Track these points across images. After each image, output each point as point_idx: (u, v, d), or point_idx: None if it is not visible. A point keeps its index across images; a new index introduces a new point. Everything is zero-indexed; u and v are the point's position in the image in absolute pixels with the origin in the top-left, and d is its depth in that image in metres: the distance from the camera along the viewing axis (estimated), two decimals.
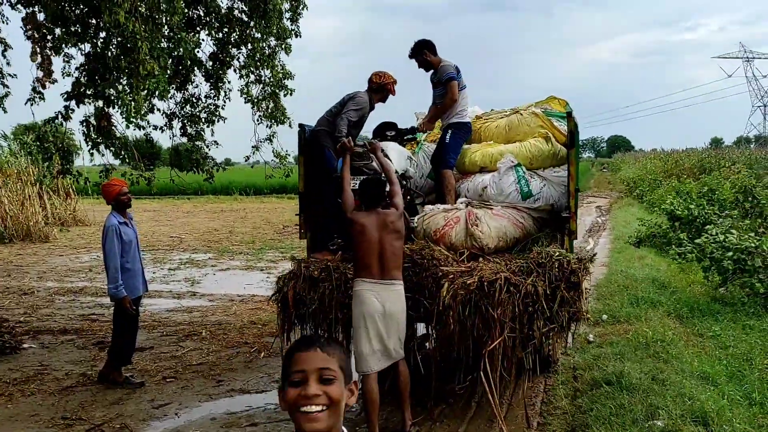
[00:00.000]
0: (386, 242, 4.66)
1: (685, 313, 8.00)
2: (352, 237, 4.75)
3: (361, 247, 4.67)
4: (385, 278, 4.62)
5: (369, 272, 4.64)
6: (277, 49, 8.64)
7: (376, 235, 4.65)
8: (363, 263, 4.66)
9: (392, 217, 4.74)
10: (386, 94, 6.20)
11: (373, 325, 4.59)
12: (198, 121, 8.89)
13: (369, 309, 4.60)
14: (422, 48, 6.21)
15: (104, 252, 5.98)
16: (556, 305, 4.65)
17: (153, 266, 13.19)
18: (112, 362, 6.15)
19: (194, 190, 34.53)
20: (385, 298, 4.60)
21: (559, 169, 6.01)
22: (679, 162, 32.79)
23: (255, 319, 8.60)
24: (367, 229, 4.67)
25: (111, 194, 6.10)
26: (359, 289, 4.66)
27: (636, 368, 5.67)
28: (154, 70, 5.48)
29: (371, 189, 4.86)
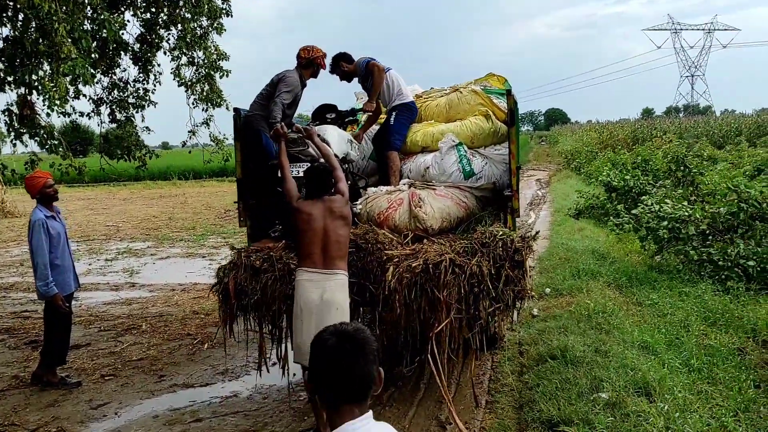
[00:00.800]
0: (331, 230, 4.50)
1: (624, 283, 8.21)
2: (296, 226, 4.56)
3: (306, 236, 4.49)
4: (327, 268, 4.45)
5: (311, 261, 4.46)
6: (209, 29, 8.32)
7: (322, 223, 4.49)
8: (305, 252, 4.49)
9: (338, 204, 4.59)
10: (317, 69, 6.03)
11: (308, 316, 4.39)
12: (127, 106, 8.51)
13: (306, 299, 4.41)
14: (338, 61, 6.35)
15: (31, 248, 5.67)
16: (501, 284, 4.65)
17: (89, 257, 12.71)
18: (45, 363, 5.87)
19: (130, 176, 33.47)
20: (324, 288, 4.41)
21: (500, 147, 6.00)
22: (613, 133, 33.72)
23: (198, 309, 8.38)
24: (313, 217, 4.49)
25: (36, 187, 5.78)
26: (299, 279, 4.48)
27: (579, 341, 5.77)
28: (71, 53, 5.14)
29: (319, 178, 4.67)
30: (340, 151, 5.64)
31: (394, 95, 6.33)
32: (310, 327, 4.35)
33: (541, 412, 4.54)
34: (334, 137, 5.61)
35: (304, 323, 4.39)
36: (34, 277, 5.73)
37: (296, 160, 5.26)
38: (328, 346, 1.82)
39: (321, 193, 4.63)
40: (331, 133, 5.65)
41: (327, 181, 4.67)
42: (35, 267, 5.65)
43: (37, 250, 5.60)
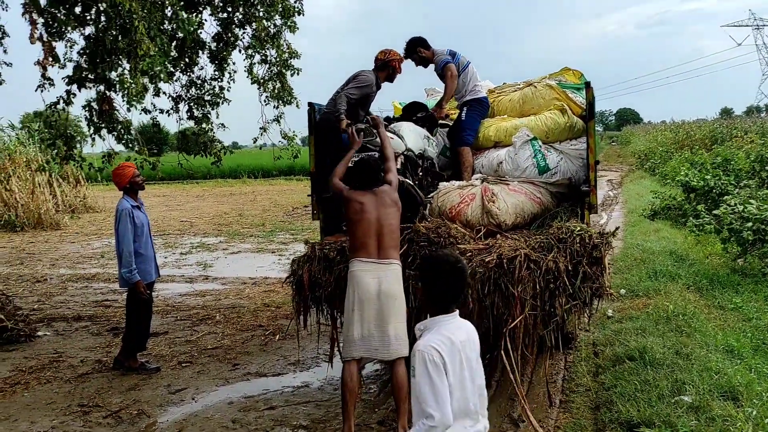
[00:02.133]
0: (384, 220, 4.47)
1: (704, 286, 7.88)
2: (349, 216, 4.56)
3: (360, 226, 4.47)
4: (382, 257, 4.41)
5: (366, 252, 4.42)
6: (282, 28, 8.47)
7: (375, 213, 4.47)
8: (360, 243, 4.45)
9: (388, 192, 4.58)
10: (392, 72, 6.03)
11: (368, 308, 4.34)
12: (204, 103, 8.76)
13: (364, 290, 4.36)
14: (415, 46, 6.28)
15: (117, 236, 5.90)
16: (578, 281, 4.53)
17: (164, 251, 13.16)
18: (127, 349, 6.10)
19: (203, 175, 34.52)
20: (382, 278, 4.37)
21: (576, 142, 5.85)
22: (690, 133, 32.38)
23: (269, 302, 8.54)
24: (366, 207, 4.49)
25: (126, 177, 6.04)
26: (355, 270, 4.42)
27: (659, 343, 5.56)
28: (149, 50, 5.33)
29: (367, 169, 4.68)
30: (417, 147, 5.66)
31: (468, 90, 6.29)
32: (370, 318, 4.32)
33: (620, 413, 4.39)
34: (409, 133, 5.63)
35: (364, 313, 4.34)
36: (118, 264, 5.96)
37: (365, 150, 5.31)
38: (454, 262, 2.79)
39: (370, 184, 4.63)
40: (406, 129, 5.67)
41: (375, 173, 4.67)
42: (120, 255, 5.87)
43: (123, 239, 5.82)
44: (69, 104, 7.01)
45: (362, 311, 4.37)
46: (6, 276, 11.06)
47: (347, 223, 4.66)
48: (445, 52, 6.29)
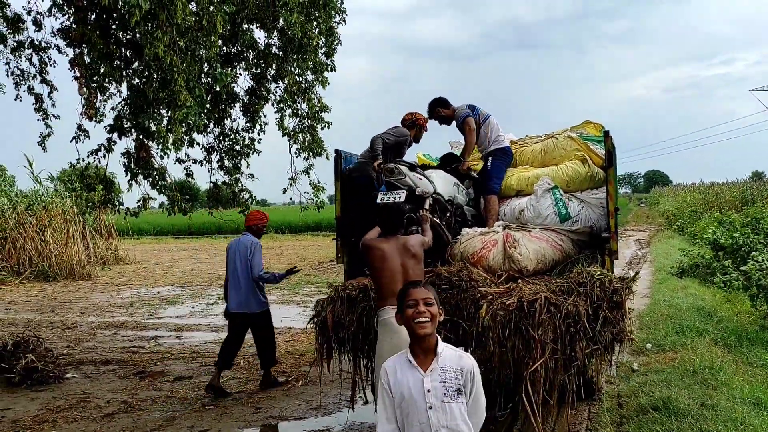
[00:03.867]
0: (410, 268, 4.55)
1: (732, 342, 7.75)
2: (371, 264, 4.64)
3: (383, 274, 4.53)
4: None
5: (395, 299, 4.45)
6: (314, 82, 8.82)
7: (399, 260, 4.55)
8: (388, 290, 4.47)
9: (412, 242, 4.68)
10: (419, 131, 6.45)
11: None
12: (235, 154, 9.08)
13: (401, 338, 4.18)
14: (435, 107, 6.65)
15: (251, 264, 6.85)
16: (598, 325, 4.55)
17: (192, 301, 13.37)
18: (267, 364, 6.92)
19: (231, 229, 35.07)
20: None
21: (597, 191, 5.95)
22: (720, 194, 32.09)
23: (292, 350, 8.60)
24: (387, 254, 4.56)
25: (261, 220, 7.30)
26: (388, 317, 4.41)
27: (684, 394, 5.49)
28: (186, 101, 5.64)
29: (389, 215, 4.84)
30: (446, 192, 5.89)
31: (491, 141, 6.48)
32: None
33: None
34: (439, 179, 5.86)
35: None
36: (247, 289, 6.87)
37: (394, 187, 5.50)
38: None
39: (392, 230, 4.75)
40: (437, 175, 5.93)
41: (398, 219, 4.80)
42: (260, 278, 6.89)
43: (259, 264, 6.92)
44: (109, 151, 7.37)
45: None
46: (37, 323, 11.31)
47: (371, 271, 4.71)
48: (464, 107, 6.58)
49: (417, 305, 2.83)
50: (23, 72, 8.45)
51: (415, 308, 2.83)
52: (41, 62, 8.35)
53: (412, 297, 2.88)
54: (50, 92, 8.35)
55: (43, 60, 8.34)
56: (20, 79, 8.45)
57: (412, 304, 2.86)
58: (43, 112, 8.28)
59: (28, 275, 17.59)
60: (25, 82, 8.43)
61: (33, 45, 8.29)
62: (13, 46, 8.45)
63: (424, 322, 2.81)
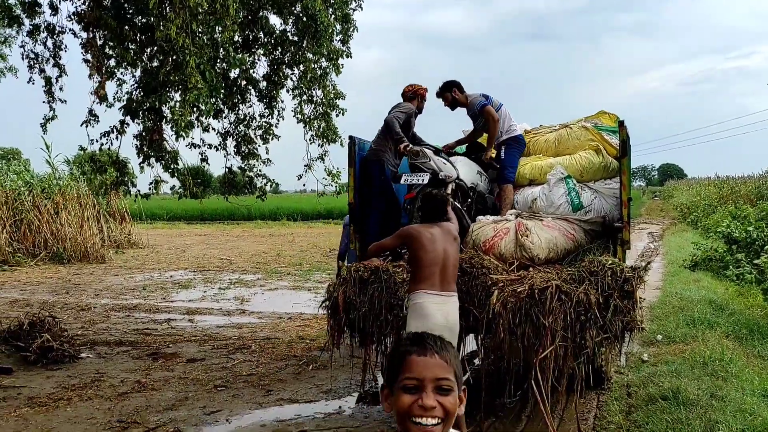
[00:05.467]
0: (450, 254, 4.63)
1: (744, 335, 7.72)
2: (417, 248, 4.63)
3: (426, 258, 4.57)
4: (445, 290, 4.54)
5: (430, 284, 4.53)
6: (328, 69, 8.83)
7: (442, 245, 4.61)
8: (425, 274, 4.54)
9: (453, 228, 4.79)
10: (421, 101, 6.49)
11: None
12: (251, 140, 9.12)
13: (432, 322, 4.43)
14: (451, 86, 6.59)
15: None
16: (609, 314, 4.56)
17: (204, 285, 13.48)
18: None
19: (244, 216, 35.31)
20: (447, 311, 4.52)
21: (611, 181, 5.95)
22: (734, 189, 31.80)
23: (303, 335, 8.67)
24: (435, 238, 4.61)
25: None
26: (422, 302, 4.51)
27: (693, 385, 5.49)
28: (198, 83, 5.68)
29: (434, 204, 4.85)
30: (468, 179, 6.00)
31: (504, 130, 6.49)
32: None
33: None
34: (463, 165, 5.95)
35: None
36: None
37: (418, 170, 5.56)
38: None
39: (435, 218, 4.79)
40: (461, 162, 6.05)
41: (442, 207, 4.84)
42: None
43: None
44: (122, 134, 7.43)
45: None
46: (52, 304, 11.45)
47: (413, 255, 4.70)
48: (479, 95, 6.57)
49: (422, 391, 1.57)
50: (37, 55, 8.53)
51: (418, 397, 1.57)
52: (55, 46, 8.42)
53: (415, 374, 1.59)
54: (59, 75, 8.43)
55: (57, 44, 8.41)
56: (34, 62, 8.53)
57: (412, 386, 1.59)
58: (50, 96, 8.36)
59: (43, 257, 17.77)
60: (38, 65, 8.50)
61: (48, 29, 8.36)
62: (29, 30, 8.53)
63: (429, 427, 1.56)
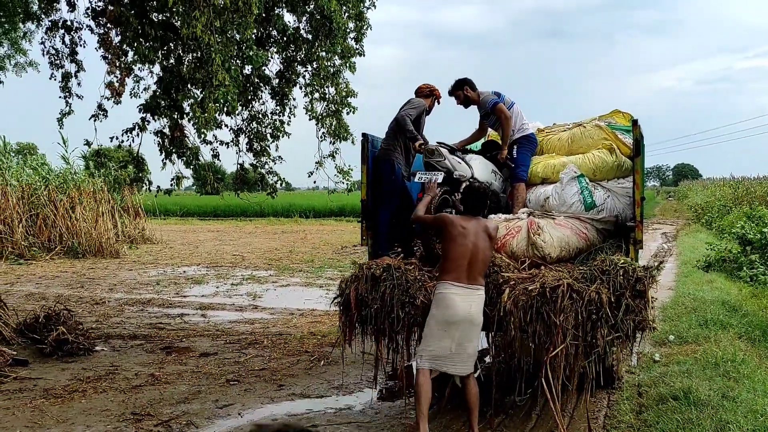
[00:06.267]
0: (481, 249, 4.75)
1: (757, 336, 7.69)
2: (449, 237, 4.76)
3: (456, 249, 4.71)
4: (471, 283, 4.68)
5: (457, 276, 4.67)
6: (341, 67, 8.86)
7: (474, 239, 4.73)
8: (452, 266, 4.69)
9: (491, 226, 4.89)
10: (433, 102, 6.50)
11: (456, 331, 4.63)
12: (263, 137, 9.17)
13: (454, 314, 4.62)
14: (463, 84, 6.60)
15: None
16: (620, 313, 4.56)
17: (216, 281, 13.57)
18: None
19: (256, 212, 35.48)
20: (470, 303, 4.65)
21: (624, 181, 5.94)
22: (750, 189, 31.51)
23: (315, 331, 8.72)
24: (468, 231, 4.74)
25: None
26: (446, 292, 4.67)
27: (705, 385, 5.48)
28: (225, 80, 5.75)
29: (476, 196, 4.97)
30: (483, 178, 6.03)
31: (516, 129, 6.49)
32: (454, 338, 4.62)
33: None
34: (478, 164, 5.98)
35: (450, 333, 4.63)
36: None
37: (432, 168, 5.59)
38: None
39: (476, 211, 4.91)
40: (476, 160, 6.09)
41: (483, 201, 4.94)
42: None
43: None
44: (143, 130, 7.52)
45: (448, 331, 4.66)
46: (67, 297, 11.58)
47: (444, 244, 4.85)
48: (491, 93, 6.58)
49: None
50: (57, 51, 8.63)
51: None
52: (72, 42, 8.52)
53: None
54: (77, 71, 8.53)
55: (74, 40, 8.51)
56: (55, 58, 8.64)
57: None
58: (67, 91, 8.46)
59: (58, 252, 17.97)
60: (59, 61, 8.61)
61: (65, 25, 8.46)
62: (48, 26, 8.63)
63: None
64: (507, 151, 6.48)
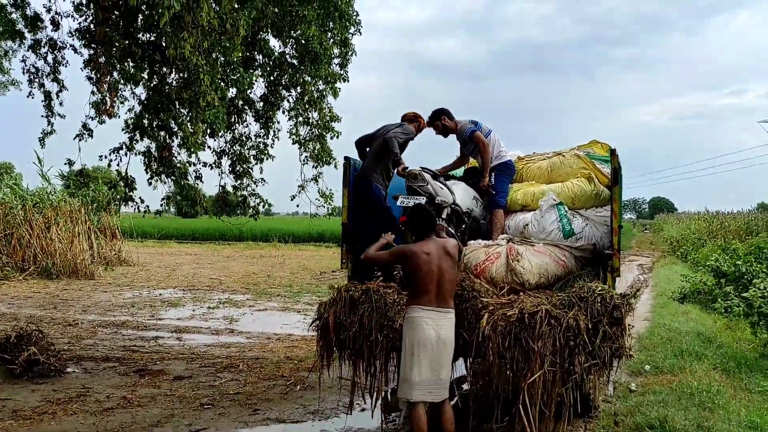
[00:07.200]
0: (445, 270, 4.73)
1: (731, 368, 7.75)
2: (415, 267, 4.73)
3: (421, 275, 4.69)
4: (440, 306, 4.68)
5: (426, 299, 4.67)
6: (325, 92, 8.94)
7: (438, 262, 4.72)
8: (420, 290, 4.69)
9: (450, 244, 4.87)
10: (418, 128, 6.56)
11: (425, 353, 4.60)
12: (245, 159, 9.18)
13: (423, 336, 4.61)
14: (440, 114, 6.68)
15: None
16: (598, 340, 4.60)
17: (193, 304, 13.41)
18: None
19: (235, 236, 35.26)
20: (440, 326, 4.64)
21: (602, 210, 6.02)
22: (724, 224, 32.06)
23: (291, 356, 8.63)
24: (431, 257, 4.72)
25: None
26: (415, 316, 4.66)
27: (680, 415, 5.51)
28: (214, 101, 5.77)
29: (423, 217, 4.95)
30: (464, 205, 6.09)
31: (493, 156, 6.57)
32: (425, 362, 4.58)
33: None
34: (460, 190, 6.05)
35: (421, 359, 4.60)
36: None
37: (415, 193, 5.61)
38: None
39: (426, 232, 4.86)
40: (458, 187, 6.15)
41: (431, 221, 4.91)
42: None
43: None
44: (131, 150, 7.49)
45: (420, 356, 4.63)
46: (39, 318, 11.36)
47: (409, 273, 4.81)
48: (468, 122, 6.68)
49: None
50: (38, 70, 8.60)
51: None
52: (55, 61, 8.50)
53: None
54: (59, 90, 8.51)
55: (57, 59, 8.49)
56: (34, 76, 8.60)
57: None
58: (49, 110, 8.43)
59: (32, 272, 17.65)
60: (38, 80, 8.58)
61: (50, 44, 8.45)
62: (31, 44, 8.61)
63: None
64: (488, 178, 6.55)
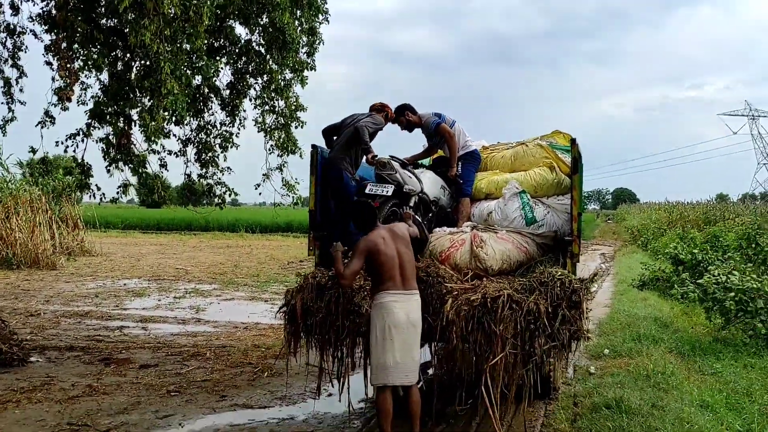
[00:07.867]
0: (403, 253, 4.84)
1: (686, 351, 8.04)
2: (375, 259, 4.79)
3: (386, 262, 4.77)
4: (407, 288, 4.78)
5: (392, 284, 4.75)
6: (292, 81, 8.93)
7: (393, 246, 4.82)
8: (386, 276, 4.76)
9: (400, 228, 4.97)
10: (385, 116, 6.60)
11: (399, 336, 4.68)
12: (211, 147, 9.14)
13: (395, 319, 4.68)
14: (404, 110, 6.71)
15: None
16: (557, 323, 4.75)
17: (158, 294, 13.31)
18: None
19: (201, 226, 34.94)
20: (409, 309, 4.74)
21: (563, 198, 6.18)
22: (684, 214, 32.89)
23: (259, 344, 8.67)
24: (388, 241, 4.81)
25: None
26: (384, 301, 4.73)
27: (636, 395, 5.73)
28: (173, 88, 5.73)
29: (362, 213, 5.01)
30: (432, 193, 6.19)
31: (459, 146, 6.68)
32: (398, 346, 4.67)
33: None
34: (427, 179, 6.16)
35: (394, 343, 4.68)
36: None
37: (383, 181, 5.69)
38: None
39: (372, 225, 4.95)
40: (426, 175, 6.25)
41: (372, 213, 5.00)
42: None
43: None
44: (88, 136, 7.39)
45: (393, 339, 4.70)
46: (0, 308, 11.16)
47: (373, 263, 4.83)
48: (431, 115, 6.75)
49: None
50: None
51: None
52: (14, 46, 8.33)
53: None
54: (19, 77, 8.35)
55: (17, 44, 8.32)
56: None
57: None
58: (9, 97, 8.27)
59: None
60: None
61: (8, 29, 8.27)
62: None
63: None
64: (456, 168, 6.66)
